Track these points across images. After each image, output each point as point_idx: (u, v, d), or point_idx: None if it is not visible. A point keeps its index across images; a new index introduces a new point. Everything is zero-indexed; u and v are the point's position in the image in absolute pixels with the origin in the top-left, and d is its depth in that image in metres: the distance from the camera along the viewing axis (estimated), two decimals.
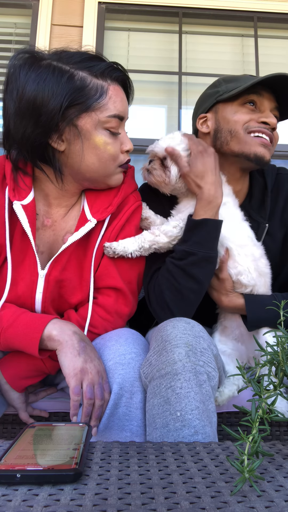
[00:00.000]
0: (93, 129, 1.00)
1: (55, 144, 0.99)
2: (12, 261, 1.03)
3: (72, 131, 0.98)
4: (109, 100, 1.00)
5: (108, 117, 1.00)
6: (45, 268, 1.04)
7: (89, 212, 1.07)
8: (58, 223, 1.10)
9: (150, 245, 1.10)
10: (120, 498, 0.50)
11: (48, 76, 0.94)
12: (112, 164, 1.05)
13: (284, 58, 2.55)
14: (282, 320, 0.73)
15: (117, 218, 1.11)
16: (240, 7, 2.47)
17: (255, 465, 0.53)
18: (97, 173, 1.04)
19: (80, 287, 1.09)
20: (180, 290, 1.07)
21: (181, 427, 0.82)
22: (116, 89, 1.03)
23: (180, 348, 0.87)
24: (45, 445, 0.65)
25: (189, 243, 1.07)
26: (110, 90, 1.00)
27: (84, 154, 1.01)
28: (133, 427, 0.91)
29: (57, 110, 0.94)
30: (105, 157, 1.03)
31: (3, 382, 1.02)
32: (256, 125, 1.14)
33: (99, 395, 0.88)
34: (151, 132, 2.47)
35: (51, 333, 0.94)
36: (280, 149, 2.32)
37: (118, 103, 1.02)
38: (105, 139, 1.01)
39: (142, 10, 2.48)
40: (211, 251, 1.07)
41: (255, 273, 1.11)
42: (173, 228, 1.11)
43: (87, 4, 2.39)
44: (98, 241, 1.08)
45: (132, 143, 1.08)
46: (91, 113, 0.99)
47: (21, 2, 2.42)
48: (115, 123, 1.01)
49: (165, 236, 1.11)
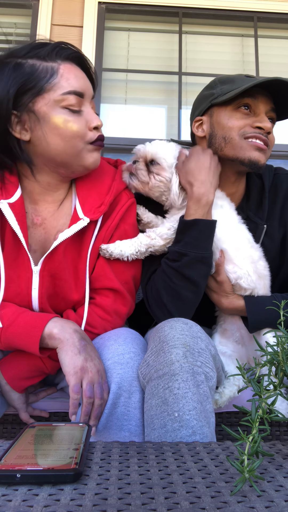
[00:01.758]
0: (50, 110, 0.99)
1: (18, 134, 1.00)
2: (5, 260, 1.03)
3: (31, 117, 0.98)
4: (61, 78, 0.99)
5: (63, 95, 0.98)
6: (38, 264, 1.04)
7: (81, 210, 1.05)
8: (48, 221, 1.09)
9: (147, 248, 1.11)
10: (120, 498, 0.50)
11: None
12: (79, 141, 1.01)
13: (284, 58, 2.55)
14: (282, 320, 0.73)
15: (110, 218, 1.10)
16: (240, 7, 2.47)
17: (255, 465, 0.53)
18: (66, 154, 1.01)
19: (76, 287, 1.08)
20: (176, 290, 1.07)
21: (179, 427, 0.82)
22: (68, 67, 1.01)
23: (177, 349, 0.87)
24: (45, 445, 0.65)
25: (181, 244, 1.07)
26: (60, 69, 1.00)
27: (47, 137, 1.00)
28: (132, 426, 0.91)
29: (3, 97, 0.95)
30: (68, 135, 1.00)
31: (3, 383, 1.02)
32: (252, 131, 1.12)
33: (98, 394, 0.88)
34: (151, 132, 2.47)
35: (52, 331, 0.94)
36: (280, 149, 2.33)
37: (72, 79, 1.00)
38: (65, 117, 0.99)
39: (142, 10, 2.48)
40: (204, 252, 1.07)
41: (255, 276, 1.11)
42: (167, 230, 1.11)
43: (87, 4, 2.39)
44: (92, 242, 1.08)
45: (100, 120, 1.04)
46: (44, 95, 0.98)
47: (21, 2, 2.42)
48: (73, 100, 0.99)
49: (160, 238, 1.11)
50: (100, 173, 1.12)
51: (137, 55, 2.53)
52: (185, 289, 1.07)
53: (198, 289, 1.08)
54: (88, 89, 1.04)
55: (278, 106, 1.17)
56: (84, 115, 1.02)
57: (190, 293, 1.07)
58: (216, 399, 1.09)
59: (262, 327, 1.08)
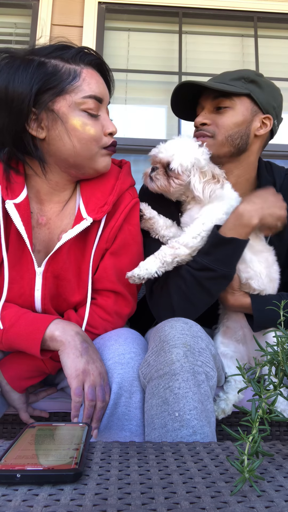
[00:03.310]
0: (69, 112, 1.00)
1: (34, 132, 1.00)
2: (9, 260, 1.03)
3: (49, 116, 0.99)
4: (83, 82, 1.00)
5: (84, 98, 1.00)
6: (41, 265, 1.04)
7: (84, 210, 1.05)
8: (53, 221, 1.09)
9: (172, 258, 1.06)
10: (120, 498, 0.50)
11: (18, 67, 0.97)
12: (95, 145, 1.03)
13: (284, 58, 2.55)
14: (282, 320, 0.73)
15: (114, 218, 1.10)
16: (240, 7, 2.46)
17: (255, 465, 0.53)
18: (80, 156, 1.03)
19: (78, 287, 1.08)
20: (190, 299, 1.07)
21: (179, 427, 0.82)
22: (90, 72, 1.03)
23: (178, 349, 0.87)
24: (45, 445, 0.65)
25: (211, 259, 1.05)
26: (83, 73, 1.01)
27: (63, 138, 1.00)
28: (133, 426, 0.91)
29: (26, 94, 0.96)
30: (85, 138, 1.01)
31: (4, 383, 1.02)
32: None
33: (100, 397, 0.88)
34: (151, 132, 2.47)
35: (54, 334, 0.94)
36: (280, 149, 2.33)
37: (93, 84, 1.02)
38: (83, 120, 1.01)
39: (142, 10, 2.47)
40: (232, 270, 1.06)
41: (266, 278, 1.11)
42: (193, 239, 1.07)
43: (87, 4, 2.39)
44: (96, 242, 1.08)
45: (115, 126, 1.07)
46: (66, 96, 0.99)
47: (21, 2, 2.42)
48: (92, 104, 1.01)
49: (185, 248, 1.07)
50: (104, 173, 1.12)
51: (137, 55, 2.53)
52: (201, 299, 1.07)
53: (212, 300, 1.09)
54: (106, 95, 1.07)
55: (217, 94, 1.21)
56: (101, 120, 1.04)
57: (204, 303, 1.08)
58: (222, 408, 1.08)
59: (268, 326, 1.08)
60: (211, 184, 1.10)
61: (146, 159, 1.21)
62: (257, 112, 1.21)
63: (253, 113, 1.20)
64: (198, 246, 1.08)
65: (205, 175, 1.11)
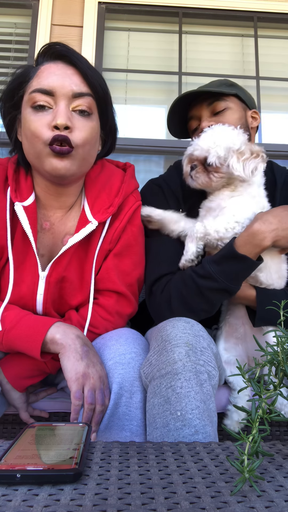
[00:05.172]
0: (24, 111, 1.00)
1: (20, 136, 1.05)
2: (14, 262, 1.03)
3: (21, 120, 1.03)
4: (34, 79, 1.00)
5: (30, 94, 0.98)
6: (45, 270, 1.04)
7: (89, 212, 1.05)
8: (56, 226, 1.09)
9: (204, 235, 1.07)
10: (120, 498, 0.50)
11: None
12: (37, 142, 0.94)
13: (284, 58, 2.55)
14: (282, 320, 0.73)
15: (118, 219, 1.10)
16: (240, 7, 2.46)
17: (255, 465, 0.53)
18: (31, 156, 1.00)
19: (81, 288, 1.08)
20: (190, 305, 1.06)
21: (181, 426, 0.82)
22: (48, 67, 0.99)
23: (180, 348, 0.87)
24: (45, 445, 0.65)
25: (218, 268, 1.03)
26: (39, 70, 1.00)
27: (23, 139, 1.02)
28: (133, 426, 0.91)
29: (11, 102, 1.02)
30: (28, 135, 0.97)
31: (4, 382, 1.02)
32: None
33: (100, 401, 0.88)
34: (151, 132, 2.47)
35: (54, 336, 0.94)
36: (280, 149, 2.32)
37: (43, 78, 0.97)
38: (28, 116, 0.97)
39: (142, 10, 2.47)
40: (235, 286, 1.05)
41: (276, 275, 1.10)
42: (225, 231, 1.06)
43: (87, 4, 2.38)
44: (100, 243, 1.08)
45: (65, 117, 0.93)
46: (24, 96, 1.01)
47: (21, 2, 2.42)
48: (37, 98, 0.95)
49: (216, 234, 1.06)
50: (109, 177, 1.13)
51: (137, 55, 2.52)
52: (199, 307, 1.07)
53: (212, 310, 1.09)
54: (63, 86, 0.95)
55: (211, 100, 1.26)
56: (53, 113, 0.95)
57: (204, 311, 1.08)
58: (236, 420, 1.06)
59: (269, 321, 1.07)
60: (251, 161, 1.08)
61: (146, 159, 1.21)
62: (245, 108, 1.31)
63: (244, 109, 1.30)
64: (228, 238, 1.06)
65: (242, 154, 1.08)
